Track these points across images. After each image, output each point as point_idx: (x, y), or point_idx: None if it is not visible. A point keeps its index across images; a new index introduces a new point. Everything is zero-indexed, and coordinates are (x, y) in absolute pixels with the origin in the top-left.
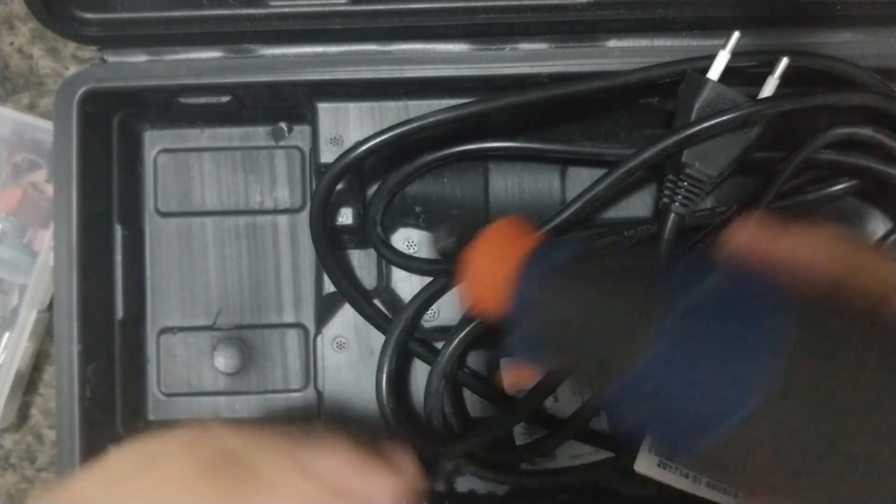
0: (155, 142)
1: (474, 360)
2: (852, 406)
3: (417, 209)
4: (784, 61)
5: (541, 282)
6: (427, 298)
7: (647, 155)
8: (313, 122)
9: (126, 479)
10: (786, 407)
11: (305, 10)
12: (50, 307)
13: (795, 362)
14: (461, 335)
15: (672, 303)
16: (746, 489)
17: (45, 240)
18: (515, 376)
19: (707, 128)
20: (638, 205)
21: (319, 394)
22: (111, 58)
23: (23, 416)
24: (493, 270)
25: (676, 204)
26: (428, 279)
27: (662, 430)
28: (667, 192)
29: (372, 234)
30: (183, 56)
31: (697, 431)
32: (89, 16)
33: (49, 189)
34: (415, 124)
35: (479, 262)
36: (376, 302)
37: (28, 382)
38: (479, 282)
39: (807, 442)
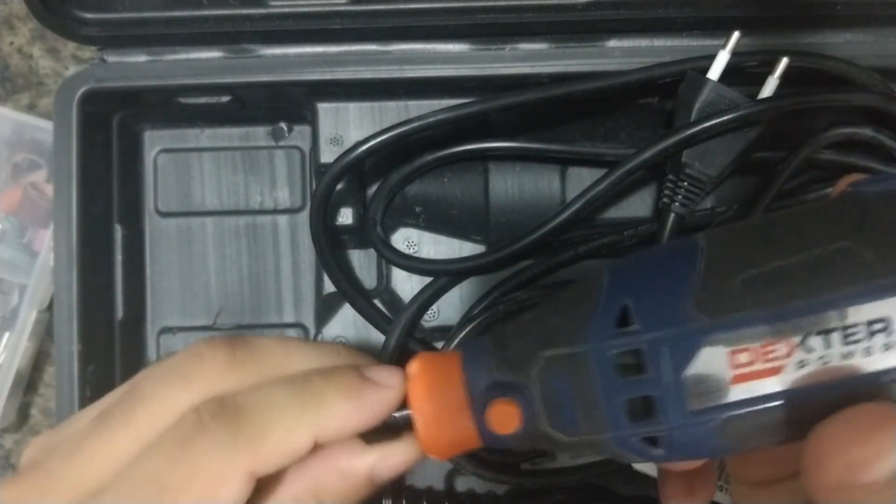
0: (155, 142)
1: None
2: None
3: (417, 209)
4: (784, 61)
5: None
6: (427, 298)
7: (647, 155)
8: (313, 122)
9: None
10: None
11: (305, 10)
12: (50, 307)
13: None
14: (461, 335)
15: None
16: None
17: (45, 240)
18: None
19: (707, 128)
20: (638, 205)
21: None
22: (111, 58)
23: (23, 416)
24: (447, 412)
25: (676, 204)
26: (428, 279)
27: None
28: (667, 191)
29: (372, 234)
30: (183, 56)
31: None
32: (89, 16)
33: (49, 189)
34: (415, 124)
35: (429, 411)
36: (376, 302)
37: (28, 382)
38: (442, 427)
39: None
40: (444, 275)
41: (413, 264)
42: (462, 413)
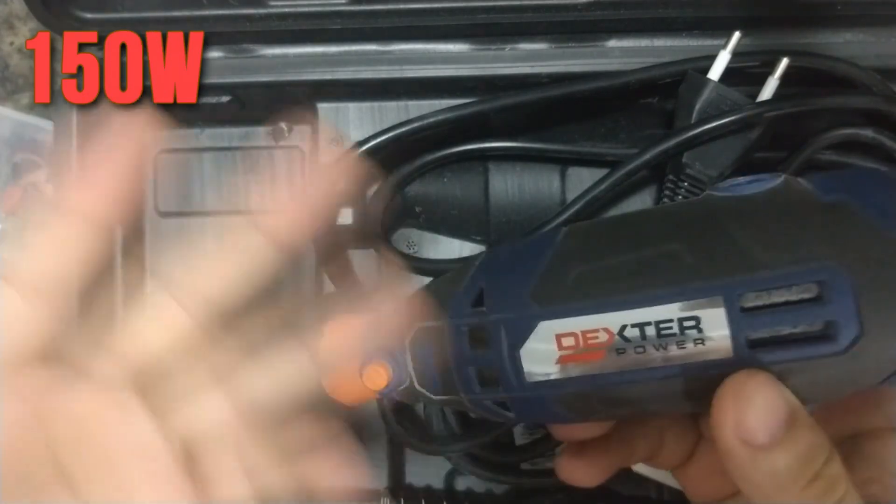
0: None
1: None
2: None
3: (417, 209)
4: (784, 62)
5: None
6: None
7: (647, 156)
8: (313, 122)
9: None
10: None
11: (305, 10)
12: None
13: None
14: None
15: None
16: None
17: None
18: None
19: (708, 129)
20: (638, 205)
21: None
22: None
23: None
24: (344, 366)
25: None
26: (428, 279)
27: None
28: (667, 192)
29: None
30: None
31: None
32: (89, 16)
33: (49, 189)
34: (415, 124)
35: (330, 363)
36: None
37: None
38: (339, 378)
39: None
40: (444, 275)
41: (413, 264)
42: (356, 369)
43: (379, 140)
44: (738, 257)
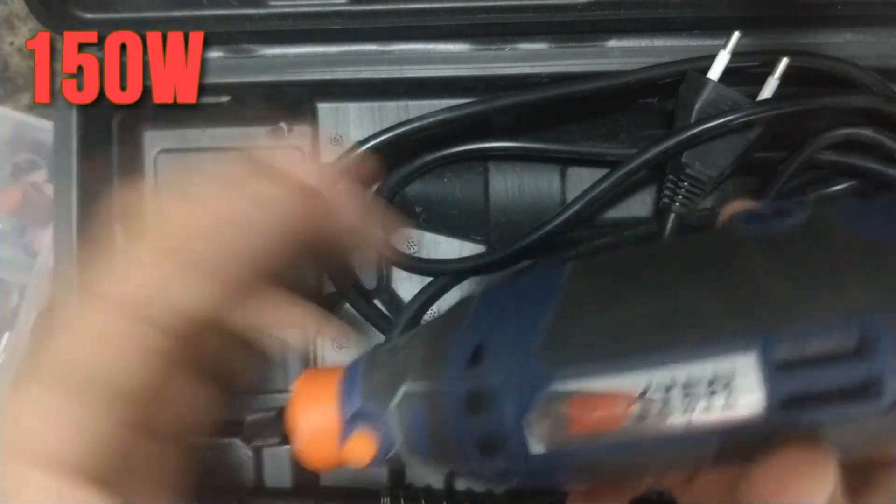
0: (155, 142)
1: None
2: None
3: (417, 209)
4: (784, 62)
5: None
6: (427, 298)
7: (647, 156)
8: (313, 122)
9: None
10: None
11: (305, 10)
12: (50, 307)
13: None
14: None
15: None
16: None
17: (44, 240)
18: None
19: (708, 129)
20: (638, 205)
21: None
22: None
23: None
24: (320, 432)
25: (677, 204)
26: (428, 279)
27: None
28: (667, 192)
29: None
30: None
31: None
32: (89, 16)
33: (49, 189)
34: (415, 124)
35: (304, 429)
36: (376, 302)
37: None
38: (314, 445)
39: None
40: (444, 275)
41: (413, 264)
42: (332, 434)
43: (379, 140)
44: (769, 307)
